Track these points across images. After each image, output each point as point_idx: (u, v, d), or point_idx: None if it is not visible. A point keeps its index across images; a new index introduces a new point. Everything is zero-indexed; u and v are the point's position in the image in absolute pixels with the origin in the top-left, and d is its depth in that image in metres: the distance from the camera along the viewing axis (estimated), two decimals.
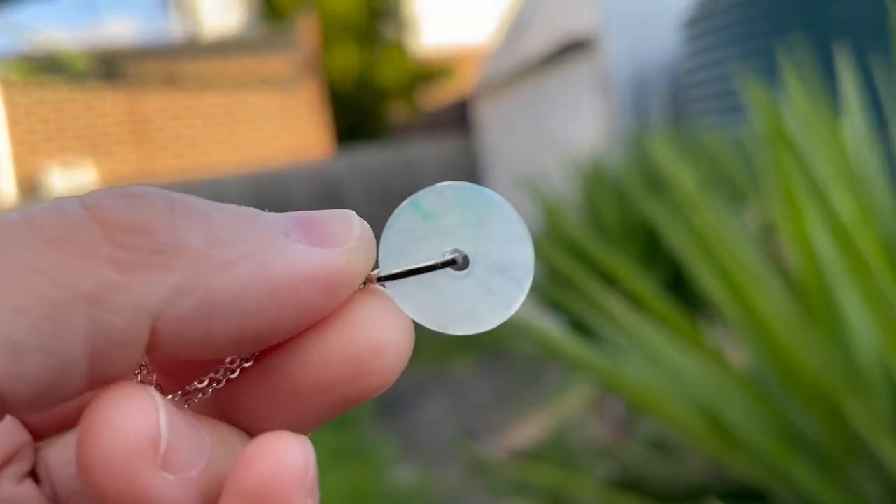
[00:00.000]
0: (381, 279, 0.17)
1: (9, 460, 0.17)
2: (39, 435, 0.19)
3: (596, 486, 0.98)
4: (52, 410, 0.18)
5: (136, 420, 0.14)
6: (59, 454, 0.19)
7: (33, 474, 0.18)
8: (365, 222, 0.17)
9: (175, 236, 0.14)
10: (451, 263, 0.18)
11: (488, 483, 1.88)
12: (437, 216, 0.18)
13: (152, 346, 0.15)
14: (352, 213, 0.17)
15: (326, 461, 2.26)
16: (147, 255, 0.14)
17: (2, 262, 0.13)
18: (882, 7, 1.07)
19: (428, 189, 0.18)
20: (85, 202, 0.14)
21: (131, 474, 0.14)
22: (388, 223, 0.18)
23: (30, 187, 4.45)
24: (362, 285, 0.17)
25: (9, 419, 0.18)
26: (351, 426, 2.52)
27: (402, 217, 0.18)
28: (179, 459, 0.15)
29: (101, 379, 0.14)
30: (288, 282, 0.15)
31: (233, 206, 0.16)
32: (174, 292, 0.14)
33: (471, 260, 0.18)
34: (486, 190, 0.18)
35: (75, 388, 0.14)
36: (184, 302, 0.14)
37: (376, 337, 0.16)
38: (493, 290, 0.18)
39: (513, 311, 0.18)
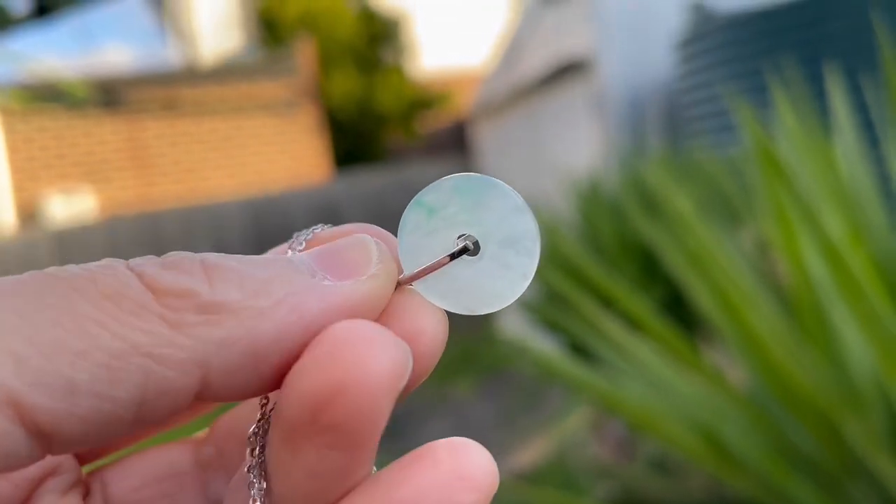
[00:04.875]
0: (405, 282, 0.19)
1: (53, 472, 0.18)
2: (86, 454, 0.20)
3: None
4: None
5: (393, 351, 0.15)
6: (124, 474, 0.20)
7: (85, 487, 0.19)
8: (380, 242, 0.18)
9: (215, 294, 0.16)
10: (463, 251, 0.19)
11: None
12: (439, 208, 0.19)
13: (203, 394, 0.15)
14: (366, 238, 0.18)
15: None
16: (192, 314, 0.15)
17: (69, 312, 0.14)
18: (871, 27, 1.08)
19: (427, 186, 0.19)
20: (131, 267, 0.16)
21: (385, 403, 0.15)
22: (400, 226, 0.19)
23: (29, 214, 4.46)
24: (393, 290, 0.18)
25: None
26: None
27: (410, 217, 0.19)
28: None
29: (145, 424, 0.15)
30: (322, 318, 0.16)
31: (260, 258, 0.17)
32: (220, 345, 0.15)
33: (480, 242, 0.19)
34: (479, 174, 0.19)
35: (121, 431, 0.15)
36: (230, 353, 0.15)
37: (410, 327, 0.18)
38: (508, 264, 0.19)
39: (529, 281, 0.19)
